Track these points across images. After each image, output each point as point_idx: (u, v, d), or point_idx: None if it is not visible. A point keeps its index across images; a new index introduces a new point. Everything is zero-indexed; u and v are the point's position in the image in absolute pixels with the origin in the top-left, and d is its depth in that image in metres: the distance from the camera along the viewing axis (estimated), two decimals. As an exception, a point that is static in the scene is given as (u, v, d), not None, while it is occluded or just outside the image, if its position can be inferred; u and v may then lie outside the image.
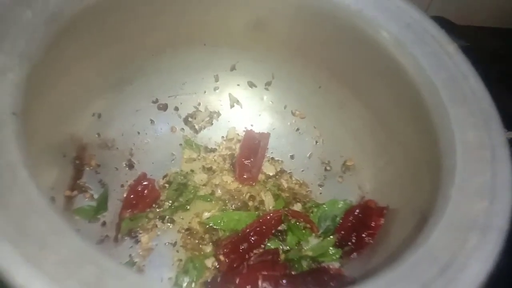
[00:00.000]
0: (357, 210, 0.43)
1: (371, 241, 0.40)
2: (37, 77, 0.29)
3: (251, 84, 0.52)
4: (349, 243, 0.41)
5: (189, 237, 0.44)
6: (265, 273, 0.36)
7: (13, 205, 0.21)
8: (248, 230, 0.43)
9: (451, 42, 0.34)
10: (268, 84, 0.51)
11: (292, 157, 0.51)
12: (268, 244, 0.43)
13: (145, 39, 0.43)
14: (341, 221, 0.44)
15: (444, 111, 0.31)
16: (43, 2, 0.30)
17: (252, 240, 0.42)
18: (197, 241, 0.43)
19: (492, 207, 0.26)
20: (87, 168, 0.44)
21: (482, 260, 0.24)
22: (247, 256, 0.42)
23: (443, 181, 0.29)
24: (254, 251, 0.42)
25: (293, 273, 0.40)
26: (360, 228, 0.41)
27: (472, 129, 0.30)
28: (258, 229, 0.43)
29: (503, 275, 0.24)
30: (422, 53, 0.34)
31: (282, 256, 0.43)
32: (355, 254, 0.41)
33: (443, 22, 0.71)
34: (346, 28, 0.38)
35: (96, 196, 0.43)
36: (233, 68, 0.51)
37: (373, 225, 0.41)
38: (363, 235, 0.41)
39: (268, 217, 0.44)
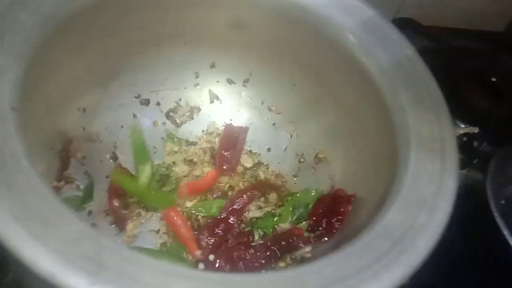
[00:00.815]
0: (328, 198, 0.47)
1: (340, 226, 0.44)
2: (31, 75, 0.31)
3: (230, 81, 0.55)
4: (320, 228, 0.45)
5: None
6: (240, 252, 0.40)
7: (18, 189, 0.24)
8: (223, 213, 0.46)
9: (410, 46, 0.38)
10: (246, 81, 0.54)
11: (268, 150, 0.54)
12: (243, 225, 0.46)
13: (130, 37, 0.45)
14: (312, 208, 0.47)
15: (402, 109, 0.35)
16: (37, 4, 0.32)
17: (228, 221, 0.45)
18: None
19: (439, 191, 0.30)
20: (73, 160, 0.46)
21: (429, 235, 0.28)
22: (226, 238, 0.45)
23: (399, 171, 0.33)
24: (232, 231, 0.45)
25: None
26: (330, 214, 0.45)
27: (425, 125, 0.34)
28: (231, 208, 0.46)
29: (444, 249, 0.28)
30: (383, 55, 0.38)
31: (259, 240, 0.46)
32: (325, 238, 0.44)
33: (410, 23, 0.76)
34: (317, 32, 0.42)
35: (82, 187, 0.45)
36: (212, 66, 0.53)
37: (342, 211, 0.44)
38: (333, 221, 0.44)
39: (239, 195, 0.47)
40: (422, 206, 0.30)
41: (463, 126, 0.65)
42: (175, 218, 0.44)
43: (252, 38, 0.49)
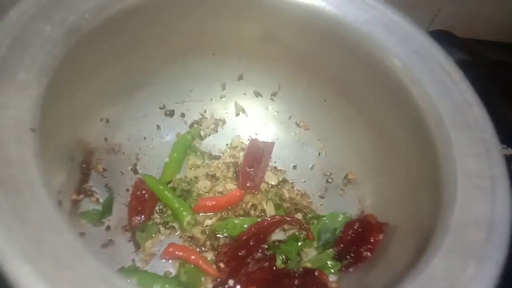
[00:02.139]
0: (357, 224, 0.44)
1: (369, 255, 0.41)
2: (54, 89, 0.30)
3: (257, 94, 0.52)
4: (348, 257, 0.42)
5: (191, 244, 0.44)
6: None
7: (31, 222, 0.22)
8: (245, 237, 0.44)
9: (458, 69, 0.35)
10: (274, 94, 0.52)
11: (294, 167, 0.52)
12: (266, 247, 0.44)
13: (157, 48, 0.44)
14: (340, 234, 0.45)
15: (447, 138, 0.32)
16: (62, 17, 0.31)
17: (250, 244, 0.43)
18: (198, 248, 0.44)
19: (489, 238, 0.27)
20: (94, 172, 0.44)
21: (479, 290, 0.25)
22: (246, 261, 0.43)
23: (443, 208, 0.30)
24: (253, 257, 0.43)
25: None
26: (359, 242, 0.42)
27: (473, 158, 0.31)
28: (255, 234, 0.44)
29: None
30: (428, 79, 0.35)
31: (281, 266, 0.43)
32: (353, 268, 0.42)
33: (446, 35, 0.72)
34: (353, 49, 0.39)
35: (101, 200, 0.44)
36: (240, 78, 0.51)
37: (372, 241, 0.42)
38: (362, 250, 0.42)
39: (265, 223, 0.45)
40: (471, 254, 0.27)
41: (500, 146, 0.61)
42: (176, 253, 0.42)
43: (282, 51, 0.47)
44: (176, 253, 0.42)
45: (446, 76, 0.35)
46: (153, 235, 0.44)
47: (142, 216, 0.43)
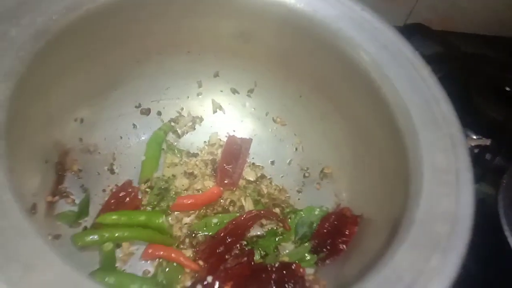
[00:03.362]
0: (333, 217, 0.45)
1: (345, 248, 0.42)
2: (23, 91, 0.30)
3: (234, 91, 0.53)
4: (324, 250, 0.43)
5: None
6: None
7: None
8: (223, 234, 0.44)
9: (425, 65, 0.36)
10: (250, 91, 0.52)
11: (272, 163, 0.52)
12: (244, 243, 0.44)
13: (131, 47, 0.44)
14: (317, 227, 0.45)
15: (415, 133, 0.33)
16: (29, 19, 0.30)
17: (228, 241, 0.43)
18: (177, 245, 0.45)
19: (453, 231, 0.28)
20: (69, 173, 0.44)
21: (442, 280, 0.26)
22: (225, 257, 0.43)
23: (410, 202, 0.30)
24: (231, 253, 0.44)
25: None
26: (335, 235, 0.43)
27: (439, 153, 0.31)
28: (233, 231, 0.44)
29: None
30: (397, 75, 0.35)
31: (260, 260, 0.44)
32: (329, 260, 0.43)
33: (421, 28, 0.73)
34: (326, 45, 0.40)
35: (77, 201, 0.44)
36: (216, 75, 0.51)
37: (348, 233, 0.43)
38: (338, 242, 0.43)
39: (242, 218, 0.45)
40: (435, 247, 0.28)
41: (475, 137, 0.63)
42: (156, 253, 0.42)
43: (258, 48, 0.47)
44: (156, 253, 0.43)
45: (414, 72, 0.36)
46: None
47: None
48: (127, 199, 0.44)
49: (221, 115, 0.53)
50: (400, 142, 0.34)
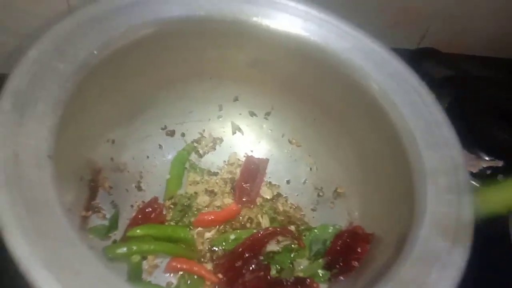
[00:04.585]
0: (346, 235, 0.47)
1: (357, 265, 0.44)
2: (66, 118, 0.34)
3: (252, 114, 0.56)
4: (337, 266, 0.45)
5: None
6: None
7: (50, 237, 0.26)
8: (241, 249, 0.46)
9: (429, 92, 0.39)
10: (267, 114, 0.56)
11: (288, 182, 0.55)
12: (261, 258, 0.47)
13: (157, 76, 0.48)
14: (330, 245, 0.48)
15: (419, 155, 0.35)
16: (73, 54, 0.35)
17: (246, 256, 0.46)
18: (198, 259, 0.47)
19: (453, 247, 0.30)
20: (101, 190, 0.48)
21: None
22: (242, 271, 0.46)
23: (415, 220, 0.33)
24: (248, 267, 0.46)
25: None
26: (348, 252, 0.45)
27: (442, 174, 0.34)
28: (250, 246, 0.47)
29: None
30: (402, 101, 0.38)
31: (276, 275, 0.47)
32: (342, 276, 0.45)
33: (432, 53, 0.76)
34: (337, 74, 0.43)
35: (108, 216, 0.47)
36: (235, 99, 0.55)
37: (360, 250, 0.44)
38: (350, 259, 0.45)
39: (259, 235, 0.47)
40: (435, 261, 0.30)
41: (487, 158, 0.65)
42: (179, 266, 0.45)
43: (272, 74, 0.50)
44: (179, 266, 0.45)
45: (418, 98, 0.39)
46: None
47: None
48: (153, 214, 0.48)
49: (240, 136, 0.57)
50: (406, 163, 0.37)
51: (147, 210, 0.48)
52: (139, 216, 0.48)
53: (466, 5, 0.73)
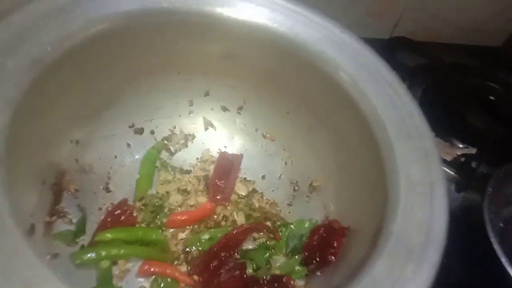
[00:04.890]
0: (322, 230, 0.46)
1: (333, 259, 0.44)
2: (20, 118, 0.32)
3: (224, 108, 0.55)
4: (314, 261, 0.45)
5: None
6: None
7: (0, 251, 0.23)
8: (216, 248, 0.45)
9: (400, 83, 0.38)
10: (240, 108, 0.54)
11: (263, 177, 0.54)
12: (237, 256, 0.46)
13: (123, 70, 0.45)
14: (307, 240, 0.47)
15: (391, 147, 0.35)
16: (24, 50, 0.32)
17: (222, 256, 0.45)
18: (172, 261, 0.46)
19: (427, 241, 0.30)
20: (66, 193, 0.46)
21: (417, 288, 0.28)
22: (218, 271, 0.44)
23: (388, 213, 0.32)
24: (225, 266, 0.45)
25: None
26: (324, 247, 0.45)
27: (414, 165, 0.33)
28: (225, 245, 0.46)
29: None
30: (374, 92, 0.37)
31: (252, 273, 0.45)
32: (319, 271, 0.44)
33: (404, 41, 0.76)
34: (309, 65, 0.42)
35: (74, 221, 0.45)
36: (207, 94, 0.53)
37: (336, 245, 0.44)
38: (327, 254, 0.44)
39: (234, 232, 0.46)
40: (410, 257, 0.29)
41: (461, 146, 0.65)
42: (151, 269, 0.43)
43: (244, 68, 0.49)
44: (152, 269, 0.44)
45: (390, 89, 0.38)
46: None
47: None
48: (123, 217, 0.46)
49: (213, 132, 0.55)
50: (378, 154, 0.36)
51: (116, 213, 0.46)
52: (108, 219, 0.46)
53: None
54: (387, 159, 0.35)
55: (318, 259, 0.45)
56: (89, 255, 0.42)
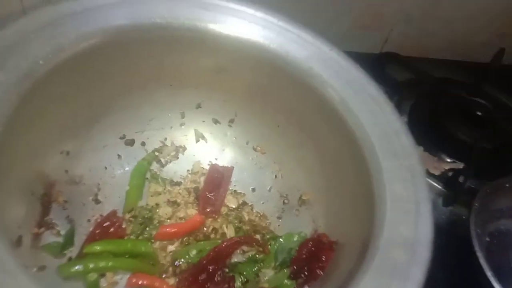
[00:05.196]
0: (310, 243, 0.47)
1: (322, 273, 0.44)
2: (10, 131, 0.32)
3: (216, 121, 0.55)
4: (302, 275, 0.45)
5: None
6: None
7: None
8: (205, 261, 0.45)
9: (387, 100, 0.39)
10: (231, 121, 0.55)
11: (253, 190, 0.54)
12: (226, 270, 0.46)
13: (115, 82, 0.46)
14: (296, 253, 0.47)
15: (378, 164, 0.35)
16: (14, 64, 0.32)
17: (210, 269, 0.45)
18: (160, 274, 0.46)
19: (412, 260, 0.30)
20: (55, 205, 0.45)
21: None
22: (207, 285, 0.44)
23: (375, 229, 0.33)
24: (214, 279, 0.45)
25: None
26: (313, 261, 0.45)
27: (400, 183, 0.34)
28: (214, 258, 0.45)
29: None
30: (361, 109, 0.38)
31: (241, 287, 0.46)
32: (307, 285, 0.44)
33: (393, 57, 0.77)
34: (298, 81, 0.43)
35: (62, 232, 0.45)
36: (198, 106, 0.54)
37: (324, 259, 0.44)
38: (315, 268, 0.44)
39: (223, 245, 0.46)
40: (395, 275, 0.30)
41: (449, 160, 0.66)
42: (140, 282, 0.43)
43: (235, 82, 0.49)
44: (140, 282, 0.44)
45: (376, 107, 0.39)
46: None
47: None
48: (112, 229, 0.46)
49: (204, 144, 0.55)
50: (366, 170, 0.37)
51: (105, 225, 0.46)
52: (97, 231, 0.46)
53: (425, 9, 0.74)
54: (374, 176, 0.35)
55: (306, 273, 0.45)
56: (76, 268, 0.42)
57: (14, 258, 0.25)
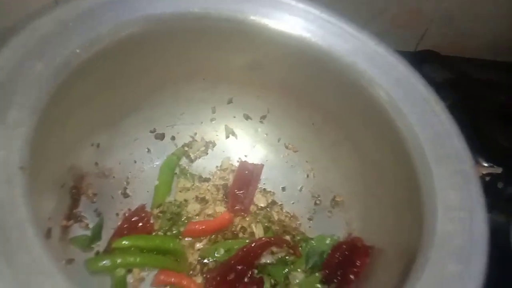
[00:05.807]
0: (344, 247, 0.45)
1: (356, 279, 0.42)
2: (45, 124, 0.31)
3: (247, 117, 0.53)
4: (335, 280, 0.43)
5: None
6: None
7: (20, 265, 0.22)
8: (233, 261, 0.44)
9: (438, 101, 0.36)
10: (263, 117, 0.53)
11: (283, 189, 0.52)
12: (255, 271, 0.44)
13: (146, 75, 0.44)
14: (328, 257, 0.45)
15: (428, 169, 0.33)
16: (52, 55, 0.31)
17: (239, 268, 0.43)
18: (187, 272, 0.45)
19: (466, 271, 0.28)
20: (84, 198, 0.45)
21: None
22: (235, 285, 0.43)
23: (424, 239, 0.30)
24: (242, 280, 0.44)
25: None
26: (346, 265, 0.43)
27: (452, 189, 0.32)
28: (243, 258, 0.44)
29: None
30: (410, 109, 0.36)
31: (269, 288, 0.44)
32: (340, 291, 0.42)
33: (431, 55, 0.74)
34: (340, 78, 0.40)
35: (91, 226, 0.44)
36: (230, 102, 0.52)
37: (359, 264, 0.42)
38: (349, 273, 0.42)
39: (252, 245, 0.45)
40: (447, 286, 0.27)
41: (486, 165, 0.63)
42: (167, 279, 0.42)
43: (269, 78, 0.48)
44: (167, 279, 0.43)
45: (427, 107, 0.36)
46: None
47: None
48: (140, 224, 0.45)
49: (234, 140, 0.54)
50: (413, 176, 0.34)
51: (133, 219, 0.45)
52: (125, 226, 0.45)
53: (465, 8, 0.71)
54: (423, 181, 0.33)
55: (339, 277, 0.43)
56: (104, 262, 0.41)
57: (49, 259, 0.23)
